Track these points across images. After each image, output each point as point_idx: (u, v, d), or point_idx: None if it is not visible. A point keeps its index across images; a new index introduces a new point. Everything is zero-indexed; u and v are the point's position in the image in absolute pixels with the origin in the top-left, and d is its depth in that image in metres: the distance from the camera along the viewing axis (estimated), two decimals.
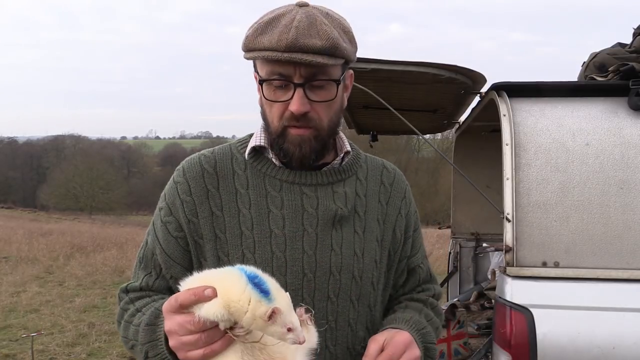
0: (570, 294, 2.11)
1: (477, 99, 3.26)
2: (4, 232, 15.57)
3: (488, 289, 4.08)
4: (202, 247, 1.16)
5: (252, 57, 1.11)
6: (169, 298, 0.96)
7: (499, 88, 2.41)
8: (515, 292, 2.11)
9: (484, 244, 4.79)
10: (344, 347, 1.16)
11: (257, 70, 1.15)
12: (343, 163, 1.23)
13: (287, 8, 1.11)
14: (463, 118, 4.36)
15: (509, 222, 2.16)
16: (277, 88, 1.11)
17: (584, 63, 2.89)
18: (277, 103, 1.12)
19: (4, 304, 7.21)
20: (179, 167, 1.23)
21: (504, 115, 2.29)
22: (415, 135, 9.52)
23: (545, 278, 2.13)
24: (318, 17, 1.08)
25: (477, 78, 2.83)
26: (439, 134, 14.65)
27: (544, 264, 2.14)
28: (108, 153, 52.12)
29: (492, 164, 3.75)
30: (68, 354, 5.31)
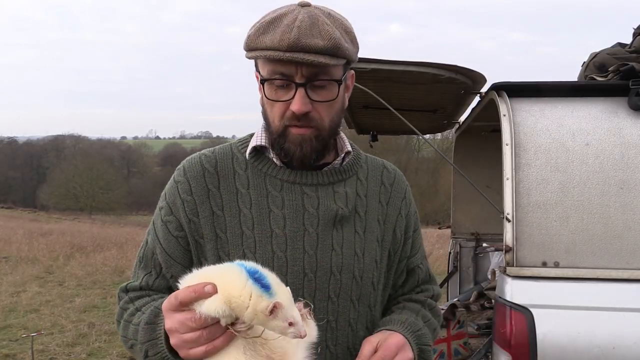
0: (570, 294, 2.11)
1: (477, 99, 3.26)
2: (4, 232, 15.57)
3: (488, 289, 4.08)
4: (202, 246, 1.16)
5: (253, 56, 1.11)
6: (169, 296, 0.96)
7: (499, 88, 2.41)
8: (515, 292, 2.11)
9: (484, 244, 4.79)
10: (345, 347, 1.16)
11: (258, 70, 1.15)
12: (344, 163, 1.23)
13: (289, 8, 1.11)
14: (463, 118, 4.36)
15: (509, 222, 2.16)
16: (278, 87, 1.11)
17: (584, 63, 2.89)
18: (278, 102, 1.12)
19: (4, 304, 7.21)
20: (180, 166, 1.23)
21: (504, 115, 2.29)
22: (415, 135, 9.51)
23: (545, 278, 2.13)
24: (320, 17, 1.08)
25: (477, 78, 2.83)
26: (439, 134, 14.65)
27: (544, 264, 2.14)
28: (108, 153, 52.11)
29: (492, 164, 3.75)
30: (68, 354, 5.31)
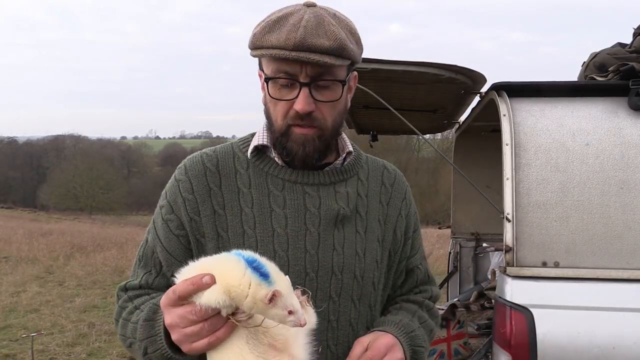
0: (570, 294, 2.11)
1: (477, 99, 3.26)
2: (4, 232, 15.57)
3: (488, 289, 4.08)
4: (203, 245, 1.15)
5: (259, 54, 1.11)
6: (167, 291, 0.95)
7: (499, 88, 2.41)
8: (515, 292, 2.11)
9: (484, 244, 4.79)
10: (345, 346, 1.16)
11: (262, 68, 1.15)
12: (345, 163, 1.23)
13: (295, 7, 1.11)
14: (463, 118, 4.37)
15: (509, 222, 2.16)
16: (282, 86, 1.11)
17: (584, 63, 2.89)
18: (281, 101, 1.12)
19: (4, 304, 7.21)
20: (181, 165, 1.23)
21: (504, 115, 2.29)
22: (415, 135, 9.51)
23: (545, 278, 2.13)
24: (326, 17, 1.09)
25: (477, 78, 2.83)
26: (439, 134, 14.66)
27: (544, 264, 2.14)
28: (108, 153, 52.09)
29: (492, 164, 3.75)
30: (68, 354, 5.31)
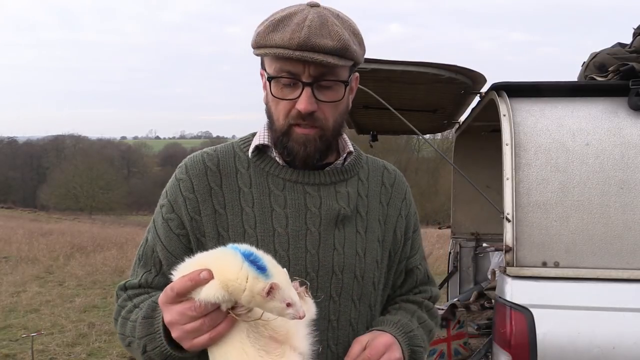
0: (570, 294, 2.11)
1: (477, 99, 3.26)
2: (4, 232, 15.57)
3: (488, 289, 4.08)
4: (204, 245, 1.15)
5: (262, 53, 1.11)
6: (164, 289, 0.95)
7: (499, 88, 2.41)
8: (515, 292, 2.11)
9: (484, 244, 4.80)
10: (346, 346, 1.16)
11: (264, 68, 1.15)
12: (345, 163, 1.24)
13: (298, 7, 1.11)
14: (463, 118, 4.37)
15: (509, 222, 2.17)
16: (284, 86, 1.11)
17: (584, 63, 2.89)
18: (284, 101, 1.12)
19: (4, 304, 7.22)
20: (182, 164, 1.23)
21: (504, 115, 2.29)
22: (415, 135, 9.51)
23: (545, 278, 2.13)
24: (329, 18, 1.09)
25: (477, 78, 2.83)
26: (439, 134, 14.66)
27: (544, 264, 2.14)
28: (108, 153, 52.08)
29: (492, 164, 3.75)
30: (68, 354, 5.31)
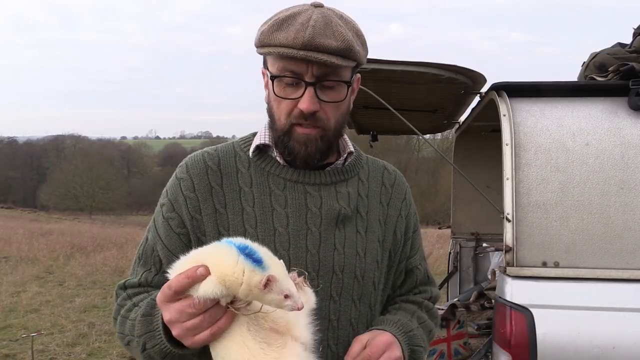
0: (570, 294, 2.11)
1: (477, 99, 3.26)
2: (4, 232, 15.57)
3: (488, 289, 4.08)
4: (204, 244, 1.14)
5: (266, 52, 1.11)
6: (162, 288, 0.94)
7: (499, 88, 2.41)
8: (515, 292, 2.11)
9: (484, 244, 4.80)
10: (346, 346, 1.16)
11: (267, 67, 1.16)
12: (346, 163, 1.24)
13: (302, 7, 1.12)
14: (463, 118, 4.37)
15: (509, 222, 2.17)
16: (287, 85, 1.12)
17: (584, 63, 2.89)
18: (286, 100, 1.12)
19: (4, 304, 7.21)
20: (182, 163, 1.23)
21: (504, 115, 2.29)
22: (415, 135, 9.51)
23: (545, 278, 2.13)
24: (333, 18, 1.10)
25: (477, 78, 2.83)
26: (439, 134, 14.66)
27: (544, 264, 2.14)
28: (108, 153, 52.08)
29: (492, 164, 3.75)
30: (68, 354, 5.31)
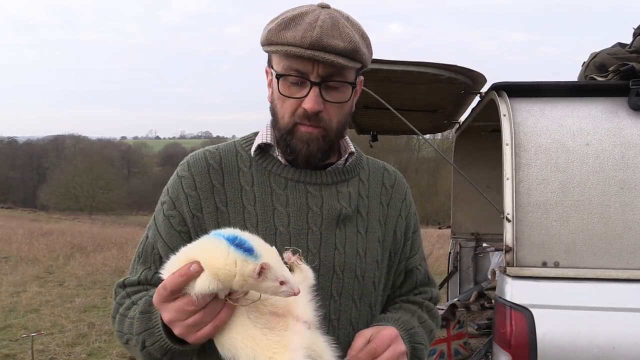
0: (570, 294, 2.11)
1: (477, 99, 3.26)
2: (4, 232, 15.57)
3: (488, 289, 4.08)
4: None
5: (272, 50, 1.11)
6: (157, 289, 0.94)
7: (499, 88, 2.42)
8: (515, 292, 2.11)
9: (484, 244, 4.80)
10: (346, 345, 1.15)
11: (271, 65, 1.16)
12: (347, 164, 1.24)
13: (309, 7, 1.12)
14: (463, 118, 4.37)
15: (509, 222, 2.17)
16: (292, 84, 1.12)
17: (584, 63, 2.89)
18: (290, 99, 1.12)
19: (4, 304, 7.21)
20: (183, 161, 1.23)
21: (504, 115, 2.29)
22: (415, 135, 9.51)
23: (545, 278, 2.13)
24: (340, 19, 1.10)
25: (477, 78, 2.83)
26: (439, 134, 14.67)
27: (544, 264, 2.14)
28: (108, 153, 52.08)
29: (492, 164, 3.75)
30: (68, 354, 5.31)
